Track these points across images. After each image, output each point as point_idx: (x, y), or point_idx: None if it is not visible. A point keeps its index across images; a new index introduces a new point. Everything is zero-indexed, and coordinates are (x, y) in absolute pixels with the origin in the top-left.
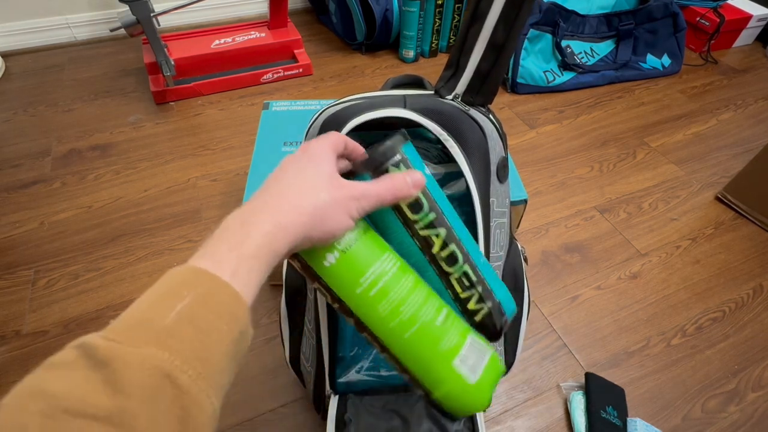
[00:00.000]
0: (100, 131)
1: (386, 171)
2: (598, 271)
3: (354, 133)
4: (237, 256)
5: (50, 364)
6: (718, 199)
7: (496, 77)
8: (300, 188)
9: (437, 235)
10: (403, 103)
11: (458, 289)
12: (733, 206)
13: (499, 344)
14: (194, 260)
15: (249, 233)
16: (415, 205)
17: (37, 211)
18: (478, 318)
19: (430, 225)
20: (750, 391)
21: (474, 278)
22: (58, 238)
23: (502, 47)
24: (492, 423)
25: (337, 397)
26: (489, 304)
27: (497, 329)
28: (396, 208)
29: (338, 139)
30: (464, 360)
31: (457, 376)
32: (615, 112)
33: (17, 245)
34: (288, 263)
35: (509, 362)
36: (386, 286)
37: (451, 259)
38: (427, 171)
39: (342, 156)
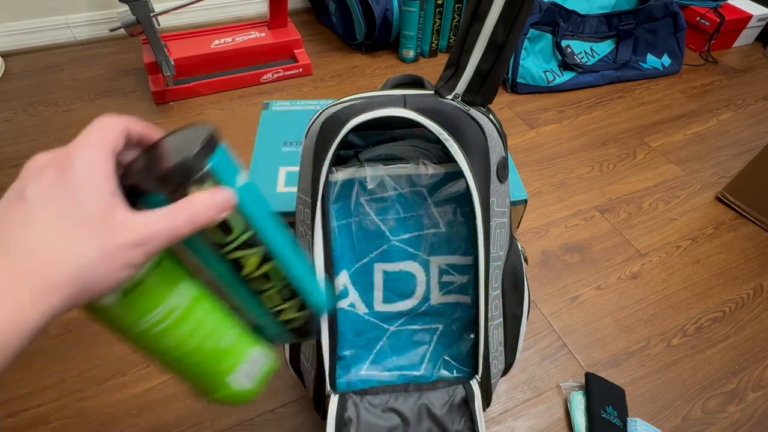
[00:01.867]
0: None
1: (187, 192)
2: (598, 271)
3: (354, 134)
4: None
5: None
6: (718, 199)
7: (496, 77)
8: (52, 242)
9: (254, 254)
10: (403, 102)
11: (271, 304)
12: (733, 206)
13: (499, 344)
14: None
15: None
16: (224, 227)
17: None
18: (289, 326)
19: (245, 245)
20: (750, 391)
21: (287, 294)
22: None
23: (502, 47)
24: (492, 423)
25: (337, 396)
26: (302, 312)
27: (308, 332)
28: (203, 236)
29: (114, 134)
30: (244, 373)
31: (235, 387)
32: (615, 112)
33: None
34: None
35: (509, 362)
36: (174, 323)
37: (265, 278)
38: (243, 177)
39: (130, 146)
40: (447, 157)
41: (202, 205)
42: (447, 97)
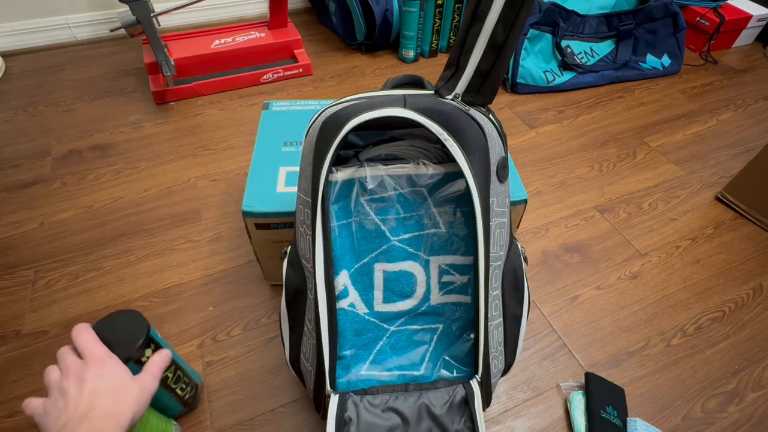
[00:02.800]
0: (100, 131)
1: (148, 355)
2: (598, 271)
3: (353, 134)
4: None
5: None
6: (718, 199)
7: (496, 77)
8: (121, 399)
9: (172, 371)
10: (403, 102)
11: (179, 393)
12: (733, 206)
13: (499, 344)
14: None
15: None
16: None
17: (37, 211)
18: (187, 401)
19: (168, 369)
20: (750, 391)
21: (188, 382)
22: (58, 238)
23: (502, 47)
24: (492, 423)
25: (337, 396)
26: (193, 391)
27: (195, 401)
28: None
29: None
30: None
31: None
32: (615, 112)
33: (17, 245)
34: (287, 263)
35: (509, 362)
36: (144, 422)
37: (178, 379)
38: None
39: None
40: (447, 157)
41: (165, 359)
42: (447, 97)
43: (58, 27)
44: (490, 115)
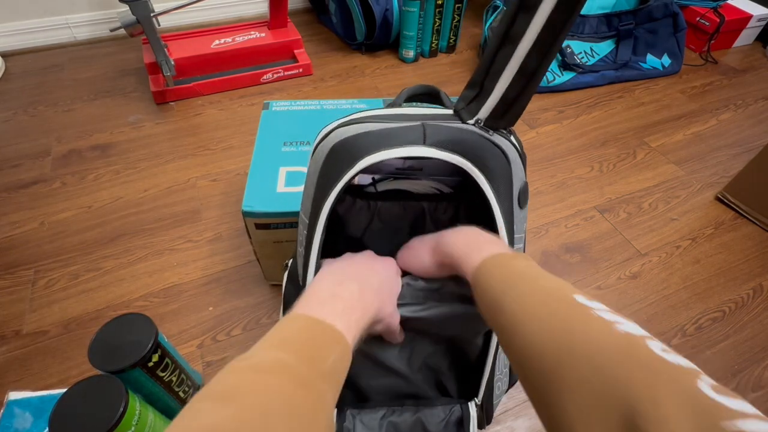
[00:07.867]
0: (100, 131)
1: (153, 361)
2: (598, 271)
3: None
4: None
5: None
6: (718, 199)
7: (522, 104)
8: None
9: (176, 373)
10: (422, 135)
11: (182, 396)
12: (733, 206)
13: (504, 366)
14: (319, 315)
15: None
16: (164, 368)
17: (37, 211)
18: (187, 401)
19: (172, 372)
20: (750, 391)
21: (190, 384)
22: (58, 238)
23: (534, 74)
24: (492, 423)
25: (335, 409)
26: (194, 393)
27: None
28: (154, 376)
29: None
30: None
31: None
32: (615, 112)
33: (17, 245)
34: (287, 277)
35: (513, 381)
36: (141, 419)
37: (181, 381)
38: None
39: None
40: (461, 176)
41: None
42: (468, 121)
43: (58, 27)
44: (512, 137)
